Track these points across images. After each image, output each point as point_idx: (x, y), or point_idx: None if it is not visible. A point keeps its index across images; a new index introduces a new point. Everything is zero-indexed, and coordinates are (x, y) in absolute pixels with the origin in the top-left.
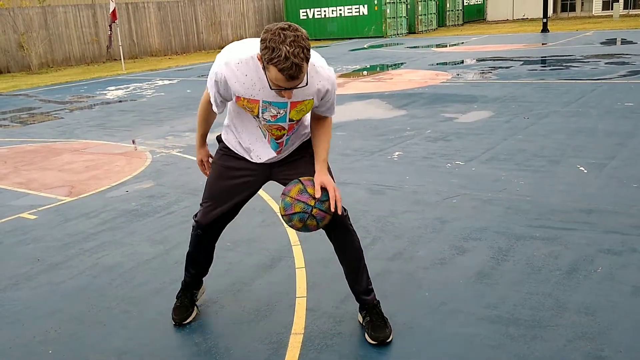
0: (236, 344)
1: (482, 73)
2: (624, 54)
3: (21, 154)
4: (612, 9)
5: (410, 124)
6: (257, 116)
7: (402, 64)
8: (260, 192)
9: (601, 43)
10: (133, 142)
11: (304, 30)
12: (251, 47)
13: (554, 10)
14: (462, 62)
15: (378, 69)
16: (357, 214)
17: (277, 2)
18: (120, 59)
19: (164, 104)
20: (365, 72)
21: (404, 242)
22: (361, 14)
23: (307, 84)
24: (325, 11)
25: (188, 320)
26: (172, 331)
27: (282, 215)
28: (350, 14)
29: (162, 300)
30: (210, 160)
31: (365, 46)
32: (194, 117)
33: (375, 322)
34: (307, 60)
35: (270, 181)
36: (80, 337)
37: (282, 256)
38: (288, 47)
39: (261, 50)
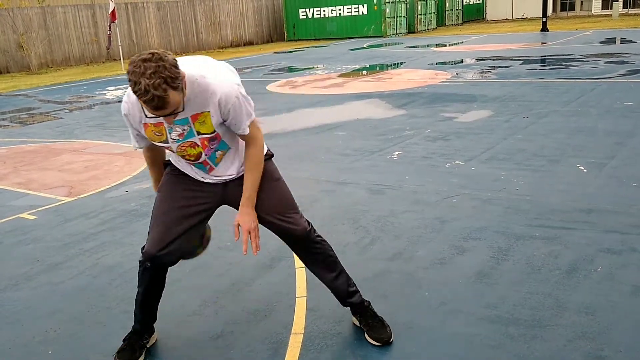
0: (236, 343)
1: (482, 72)
2: (623, 53)
3: (21, 154)
4: (611, 8)
5: (409, 123)
6: (167, 141)
7: (401, 63)
8: None
9: (600, 42)
10: None
11: (170, 57)
12: None
13: (554, 10)
14: (462, 61)
15: (377, 68)
16: (357, 214)
17: (276, 2)
18: (120, 59)
19: None
20: (364, 72)
21: (404, 242)
22: (360, 13)
23: (183, 109)
24: (324, 11)
25: None
26: (172, 332)
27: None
28: (349, 14)
29: (162, 301)
30: None
31: (364, 46)
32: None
33: (372, 324)
34: (174, 88)
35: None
36: (80, 337)
37: (282, 256)
38: (147, 80)
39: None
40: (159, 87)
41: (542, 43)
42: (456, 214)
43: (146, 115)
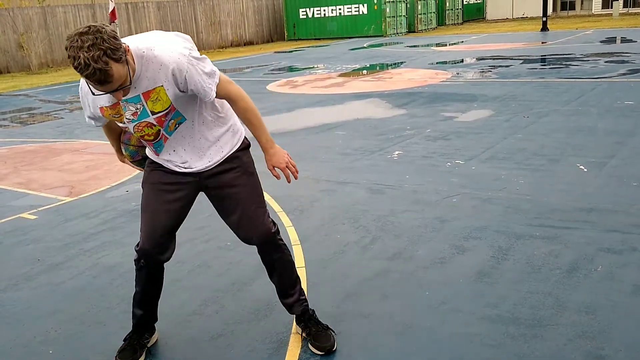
0: (237, 343)
1: (482, 72)
2: (623, 53)
3: (21, 154)
4: (611, 8)
5: (410, 123)
6: (125, 121)
7: (401, 63)
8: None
9: (601, 41)
10: None
11: (108, 29)
12: None
13: (554, 9)
14: (462, 61)
15: (378, 68)
16: (357, 214)
17: (276, 1)
18: None
19: None
20: (364, 71)
21: (404, 241)
22: (361, 13)
23: (130, 83)
24: (324, 10)
25: None
26: (172, 332)
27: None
28: (349, 13)
29: (162, 301)
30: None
31: (365, 45)
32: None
33: (316, 332)
34: (116, 60)
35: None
36: (81, 337)
37: None
38: (86, 53)
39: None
40: (99, 59)
41: (543, 42)
42: (456, 214)
43: (93, 93)
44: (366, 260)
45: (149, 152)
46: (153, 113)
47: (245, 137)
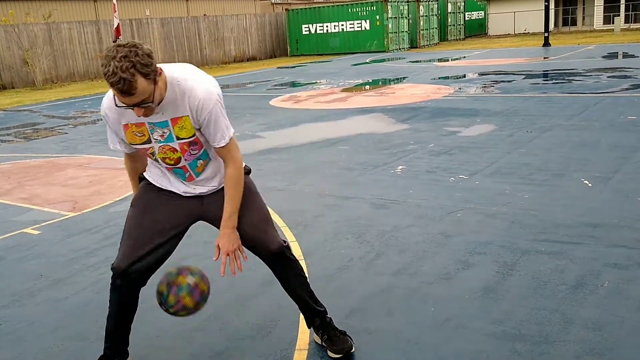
0: (240, 359)
1: (485, 87)
2: (625, 68)
3: (25, 169)
4: (613, 23)
5: (413, 138)
6: (149, 141)
7: (404, 78)
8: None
9: (603, 57)
10: None
11: (145, 47)
12: None
13: (555, 25)
14: (464, 76)
15: (380, 83)
16: (361, 229)
17: (279, 17)
18: None
19: None
20: (367, 87)
21: (409, 256)
22: (363, 29)
23: (152, 101)
24: (327, 26)
25: None
26: (174, 347)
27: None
28: (352, 29)
29: (164, 316)
30: None
31: (367, 61)
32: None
33: (334, 337)
34: (144, 75)
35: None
36: (84, 354)
37: None
38: (117, 62)
39: None
40: (126, 70)
41: (545, 58)
42: (461, 229)
43: (117, 105)
44: (371, 275)
45: (153, 170)
46: (178, 138)
47: (245, 164)
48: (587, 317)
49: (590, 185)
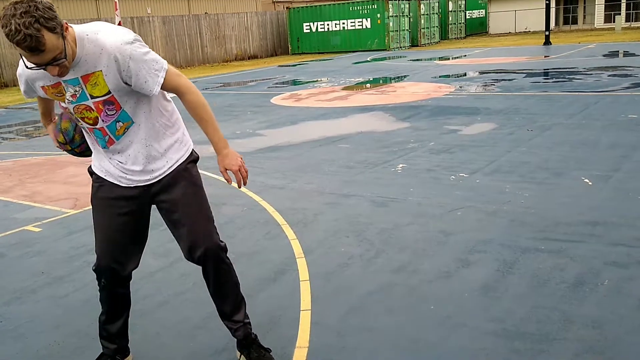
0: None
1: (485, 85)
2: (626, 67)
3: (26, 167)
4: (614, 22)
5: (413, 136)
6: (66, 103)
7: (405, 76)
8: (265, 204)
9: (604, 55)
10: None
11: (45, 1)
12: None
13: (556, 23)
14: (465, 74)
15: (381, 81)
16: (361, 227)
17: (280, 15)
18: None
19: None
20: (368, 85)
21: (408, 254)
22: (364, 27)
23: (65, 57)
24: (328, 25)
25: None
26: (175, 345)
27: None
28: (353, 28)
29: (166, 314)
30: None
31: (368, 59)
32: (197, 128)
33: (257, 357)
34: (49, 29)
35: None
36: (84, 351)
37: (286, 269)
38: (18, 19)
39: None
40: (30, 25)
41: (545, 56)
42: (461, 227)
43: (27, 66)
44: (370, 273)
45: (95, 160)
46: (92, 97)
47: (193, 150)
48: (587, 315)
49: (590, 183)
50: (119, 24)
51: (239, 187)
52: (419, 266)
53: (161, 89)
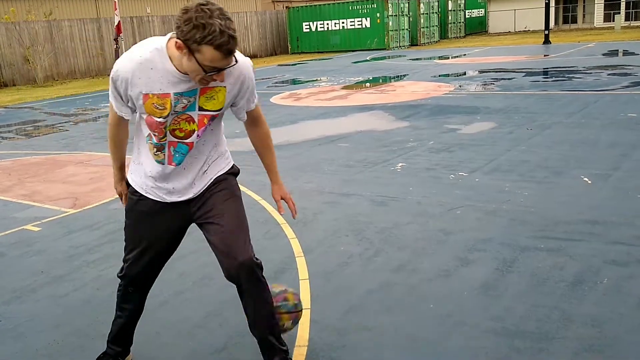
0: (240, 357)
1: (485, 84)
2: (626, 65)
3: (26, 166)
4: (613, 21)
5: (413, 135)
6: (167, 116)
7: (404, 75)
8: (264, 203)
9: (603, 54)
10: None
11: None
12: (150, 41)
13: (556, 22)
14: (465, 73)
15: (381, 80)
16: (361, 226)
17: (280, 15)
18: None
19: None
20: (368, 84)
21: (408, 253)
22: (364, 26)
23: (236, 62)
24: (328, 24)
25: None
26: (175, 345)
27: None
28: (353, 27)
29: (165, 313)
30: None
31: (368, 58)
32: None
33: None
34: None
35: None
36: (84, 350)
37: (286, 268)
38: (219, 21)
39: (185, 33)
40: (231, 27)
41: (545, 55)
42: (460, 226)
43: (204, 71)
44: (370, 272)
45: (138, 175)
46: (201, 109)
47: (234, 164)
48: (586, 314)
49: (589, 182)
50: (119, 24)
51: (294, 216)
52: (419, 265)
53: (246, 112)
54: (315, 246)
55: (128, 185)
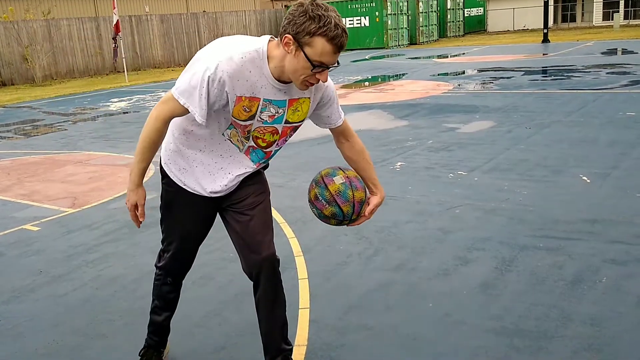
0: (239, 356)
1: (484, 83)
2: (625, 64)
3: (25, 166)
4: (612, 20)
5: (412, 134)
6: (251, 118)
7: (403, 74)
8: None
9: (602, 53)
10: None
11: None
12: (250, 42)
13: (555, 21)
14: (464, 72)
15: (380, 79)
16: (360, 225)
17: (279, 14)
18: (124, 71)
19: None
20: (367, 83)
21: (407, 252)
22: (363, 25)
23: (338, 62)
24: None
25: None
26: (174, 343)
27: (311, 200)
28: (351, 26)
29: None
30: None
31: (366, 57)
32: None
33: None
34: None
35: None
36: (83, 350)
37: (285, 267)
38: (335, 15)
39: (299, 25)
40: (343, 24)
41: (544, 54)
42: (459, 225)
43: (312, 65)
44: (369, 271)
45: (178, 168)
46: (287, 122)
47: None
48: (586, 313)
49: (588, 181)
50: (117, 23)
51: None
52: (418, 264)
53: (336, 127)
54: (314, 245)
55: (164, 175)
